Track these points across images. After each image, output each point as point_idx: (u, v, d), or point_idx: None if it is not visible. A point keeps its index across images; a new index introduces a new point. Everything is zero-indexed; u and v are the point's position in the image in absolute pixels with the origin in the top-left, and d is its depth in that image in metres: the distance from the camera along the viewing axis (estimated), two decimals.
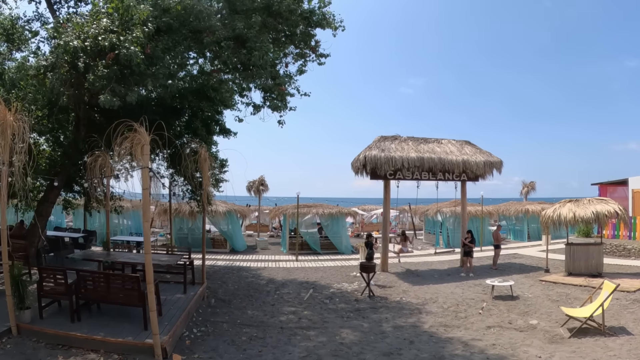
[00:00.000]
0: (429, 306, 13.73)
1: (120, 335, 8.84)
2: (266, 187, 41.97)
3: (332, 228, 27.77)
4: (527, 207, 34.59)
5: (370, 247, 17.05)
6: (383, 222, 20.91)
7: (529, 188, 49.41)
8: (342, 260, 23.75)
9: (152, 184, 17.36)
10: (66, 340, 8.74)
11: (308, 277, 18.63)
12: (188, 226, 27.85)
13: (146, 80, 10.44)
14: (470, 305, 13.68)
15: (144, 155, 8.18)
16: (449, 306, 13.66)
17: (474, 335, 10.77)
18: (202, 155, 12.38)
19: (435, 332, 11.02)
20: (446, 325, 11.63)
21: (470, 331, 11.11)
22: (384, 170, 19.14)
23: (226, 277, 18.04)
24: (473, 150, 21.82)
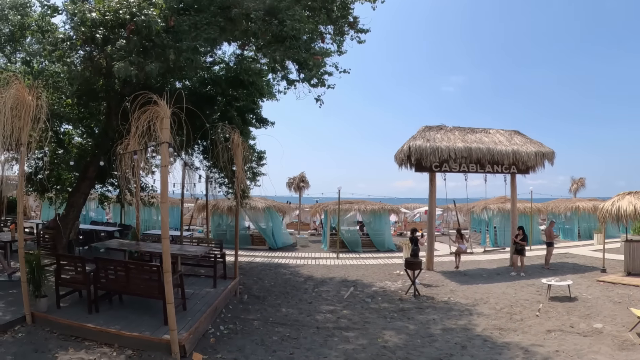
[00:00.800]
0: (479, 307, 12.45)
1: (138, 329, 7.96)
2: (307, 184, 40.85)
3: (375, 225, 26.55)
4: (578, 204, 32.77)
5: (415, 243, 15.86)
6: (429, 217, 19.58)
7: (578, 185, 47.00)
8: (385, 259, 22.56)
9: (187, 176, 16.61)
10: (80, 332, 8.04)
11: (349, 275, 17.48)
12: (227, 222, 27.03)
13: (168, 52, 9.49)
14: (525, 307, 12.34)
15: (164, 129, 7.28)
16: (502, 307, 12.36)
17: (533, 340, 9.48)
18: (235, 140, 11.46)
19: (489, 336, 9.74)
20: (501, 329, 10.33)
21: (529, 335, 9.80)
22: (429, 161, 17.85)
23: (263, 274, 17.06)
24: (523, 140, 20.40)
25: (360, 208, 25.88)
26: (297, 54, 9.99)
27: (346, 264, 20.47)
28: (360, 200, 27.11)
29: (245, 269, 17.91)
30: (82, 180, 14.25)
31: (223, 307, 10.96)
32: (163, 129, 7.27)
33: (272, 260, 21.11)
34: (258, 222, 26.77)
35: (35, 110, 7.88)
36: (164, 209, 7.43)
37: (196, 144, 15.80)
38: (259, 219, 26.82)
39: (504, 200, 29.32)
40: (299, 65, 10.95)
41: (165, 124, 7.26)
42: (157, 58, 9.74)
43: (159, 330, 7.83)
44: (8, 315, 8.42)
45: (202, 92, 13.88)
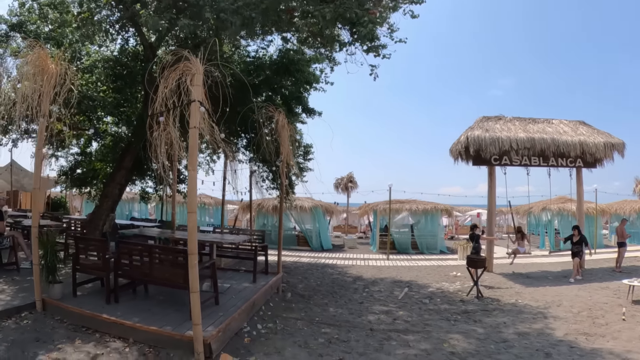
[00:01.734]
0: (553, 310, 10.80)
1: (158, 323, 6.71)
2: (355, 185, 39.06)
3: (427, 226, 24.91)
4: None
5: (476, 240, 14.26)
6: (488, 215, 17.89)
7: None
8: (438, 260, 20.96)
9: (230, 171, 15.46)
10: (92, 323, 6.95)
11: (401, 275, 15.97)
12: (272, 223, 25.81)
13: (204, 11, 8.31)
14: (607, 311, 10.62)
15: (195, 86, 6.10)
16: (580, 311, 10.67)
17: (628, 346, 7.84)
18: (280, 121, 10.21)
19: (574, 342, 8.11)
20: (586, 334, 8.69)
21: (621, 342, 8.15)
22: (488, 152, 16.23)
23: (308, 273, 15.72)
24: (589, 131, 18.58)
25: (412, 208, 24.30)
26: (350, 11, 8.60)
27: (397, 265, 18.98)
28: (411, 200, 25.52)
29: (289, 267, 16.64)
30: (118, 170, 13.24)
31: (262, 304, 9.59)
32: (194, 86, 6.11)
33: (319, 260, 19.77)
34: (304, 222, 25.45)
35: (57, 78, 7.23)
36: (192, 179, 6.12)
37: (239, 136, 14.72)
38: (305, 219, 25.53)
39: (564, 200, 27.52)
40: (352, 25, 9.54)
41: (196, 80, 6.13)
42: (191, 18, 8.60)
43: (183, 326, 6.51)
44: (17, 301, 7.57)
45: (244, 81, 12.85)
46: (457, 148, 16.90)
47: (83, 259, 8.15)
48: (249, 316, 8.38)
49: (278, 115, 10.20)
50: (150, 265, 7.50)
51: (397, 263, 19.68)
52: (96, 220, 13.05)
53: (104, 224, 13.34)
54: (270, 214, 24.94)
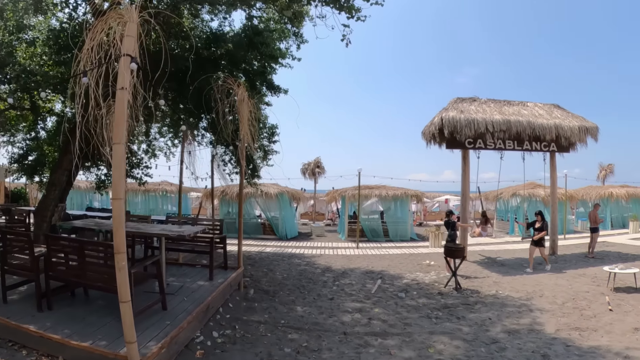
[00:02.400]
0: (537, 301, 10.03)
1: (93, 336, 5.47)
2: (322, 170, 37.60)
3: (396, 212, 24.00)
4: (611, 190, 30.23)
5: (452, 228, 13.39)
6: (461, 201, 16.96)
7: (607, 171, 43.95)
8: (410, 248, 20.07)
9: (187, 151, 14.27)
10: (18, 336, 5.74)
11: (373, 265, 14.99)
12: (237, 210, 24.54)
13: None
14: (591, 300, 10.00)
15: (127, 37, 4.75)
16: (564, 301, 9.96)
17: (624, 341, 7.18)
18: (239, 95, 9.02)
19: (569, 339, 7.30)
20: (578, 329, 7.91)
21: (616, 336, 7.45)
22: (464, 135, 15.29)
23: (274, 265, 14.62)
24: (564, 114, 17.91)
25: (381, 193, 23.31)
26: None
27: (367, 254, 18.01)
28: (381, 186, 24.48)
29: (254, 259, 15.59)
30: (64, 154, 11.75)
31: (220, 306, 8.41)
32: (126, 37, 4.75)
33: (285, 250, 18.66)
34: (270, 210, 24.27)
35: None
36: (117, 154, 4.72)
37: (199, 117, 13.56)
38: (271, 206, 24.38)
39: (533, 186, 26.97)
40: None
41: (129, 30, 4.77)
42: None
43: (121, 340, 5.18)
44: None
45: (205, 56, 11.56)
46: (430, 130, 15.94)
47: (10, 258, 6.88)
48: (202, 322, 7.22)
49: (237, 88, 9.00)
50: (82, 265, 6.25)
51: (367, 252, 18.74)
52: (43, 212, 11.73)
53: (52, 215, 12.01)
54: (235, 201, 23.67)
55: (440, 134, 15.61)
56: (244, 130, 9.15)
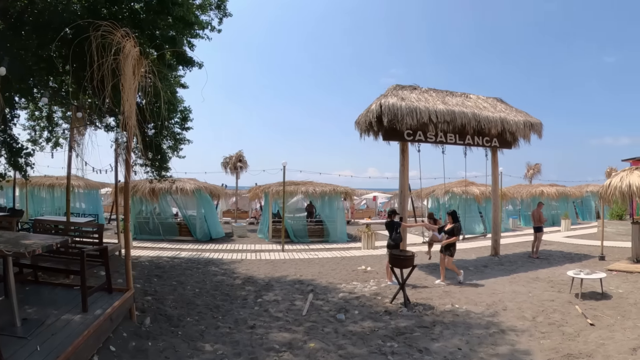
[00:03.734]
0: (503, 317, 8.32)
1: None
2: (245, 164, 34.12)
3: (325, 211, 21.83)
4: (542, 189, 29.56)
5: (396, 230, 11.38)
6: (400, 198, 14.90)
7: (534, 171, 43.56)
8: (341, 250, 17.96)
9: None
10: None
11: (301, 273, 12.76)
12: (150, 209, 21.65)
13: None
14: (563, 313, 8.51)
15: None
16: (534, 315, 8.37)
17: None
18: (126, 49, 6.31)
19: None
20: (570, 355, 6.28)
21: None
22: (405, 124, 13.29)
23: (186, 275, 12.12)
24: (508, 108, 16.54)
25: (308, 190, 21.03)
26: None
27: (295, 258, 15.74)
28: (308, 182, 22.21)
29: (164, 268, 13.04)
30: None
31: (95, 353, 5.70)
32: None
33: (202, 254, 16.12)
34: (186, 208, 21.56)
35: None
36: None
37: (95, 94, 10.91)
38: (188, 204, 21.71)
39: (466, 184, 25.60)
40: None
41: None
42: None
43: None
44: None
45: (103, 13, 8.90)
46: (366, 119, 13.82)
47: None
48: None
49: (123, 40, 6.32)
50: None
51: (294, 255, 16.47)
52: None
53: None
54: (148, 198, 20.85)
55: (378, 122, 13.52)
56: (128, 100, 6.40)
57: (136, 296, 7.90)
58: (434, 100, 14.47)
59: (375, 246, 18.34)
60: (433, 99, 14.52)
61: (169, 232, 20.87)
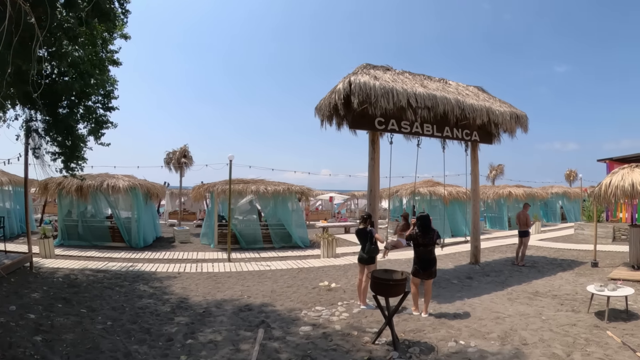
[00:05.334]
0: (531, 357, 6.01)
1: None
2: (190, 161, 30.44)
3: (277, 213, 19.02)
4: (510, 190, 27.63)
5: (370, 241, 8.83)
6: (369, 199, 12.19)
7: (497, 172, 41.78)
8: (297, 259, 15.25)
9: None
10: None
11: (250, 292, 10.02)
12: (81, 210, 18.39)
13: None
14: (599, 344, 6.47)
15: None
16: (568, 351, 6.19)
17: None
18: None
19: None
20: None
21: None
22: (379, 108, 10.70)
23: (104, 296, 9.28)
24: (492, 98, 14.30)
25: (259, 189, 18.06)
26: None
27: (243, 271, 12.90)
28: (259, 180, 19.33)
29: (79, 286, 10.21)
30: None
31: None
32: None
33: (134, 266, 13.19)
34: (119, 209, 18.40)
35: None
36: None
37: None
38: (121, 205, 18.61)
39: (432, 184, 23.42)
40: None
41: None
42: None
43: None
44: None
45: None
46: (330, 101, 11.11)
47: None
48: None
49: None
50: None
51: (242, 266, 13.64)
52: None
53: None
54: (77, 197, 17.60)
55: (345, 106, 10.85)
56: None
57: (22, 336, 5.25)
58: (411, 82, 11.98)
59: (336, 254, 15.74)
60: (410, 82, 12.02)
61: (100, 237, 17.71)
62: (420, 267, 8.23)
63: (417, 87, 11.58)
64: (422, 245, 8.21)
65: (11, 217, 20.07)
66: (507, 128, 13.74)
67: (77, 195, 17.40)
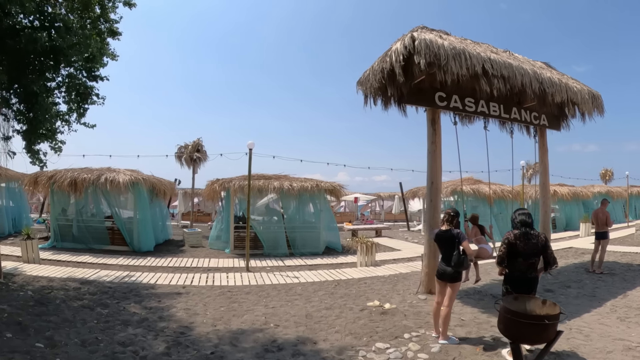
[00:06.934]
0: None
1: None
2: (204, 155, 27.25)
3: (304, 214, 16.37)
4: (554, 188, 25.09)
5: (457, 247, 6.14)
6: (429, 194, 9.41)
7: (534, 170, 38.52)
8: (330, 269, 12.54)
9: None
10: None
11: (276, 318, 7.33)
12: (77, 209, 15.78)
13: None
14: None
15: None
16: None
17: None
18: None
19: None
20: None
21: None
22: (449, 72, 8.00)
23: (76, 321, 6.70)
24: (564, 76, 11.42)
25: (284, 186, 15.24)
26: None
27: (265, 284, 10.18)
28: (282, 175, 16.41)
29: (49, 304, 7.61)
30: None
31: None
32: None
33: (130, 276, 10.60)
34: (119, 207, 15.76)
35: None
36: None
37: None
38: (121, 203, 16.04)
39: (473, 182, 20.68)
40: None
41: None
42: None
43: None
44: None
45: None
46: (383, 66, 8.44)
47: None
48: None
49: None
50: None
51: (263, 278, 10.91)
52: None
53: None
54: (68, 191, 15.02)
55: (405, 71, 8.21)
56: None
57: None
58: (480, 48, 9.31)
59: (376, 262, 13.05)
60: (479, 48, 9.34)
61: (98, 239, 15.08)
62: (515, 288, 5.48)
63: (489, 53, 8.95)
64: (523, 254, 5.43)
65: (2, 214, 17.69)
66: (584, 109, 11.26)
67: (70, 191, 14.86)
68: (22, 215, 19.20)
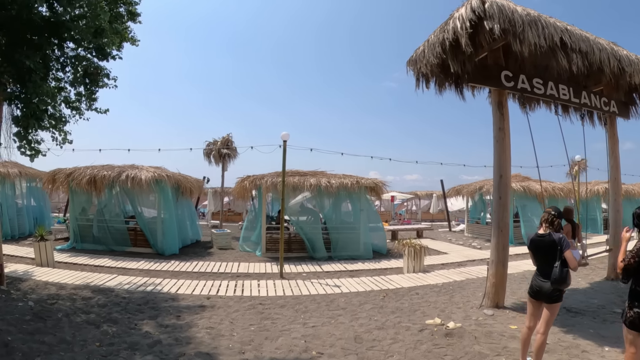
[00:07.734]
0: None
1: None
2: (234, 152, 25.59)
3: (342, 214, 15.01)
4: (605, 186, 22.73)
5: (559, 256, 4.64)
6: (498, 188, 7.93)
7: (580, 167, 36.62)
8: (374, 275, 11.16)
9: None
10: None
11: (318, 342, 5.98)
12: (99, 208, 14.69)
13: None
14: None
15: None
16: None
17: None
18: None
19: None
20: None
21: None
22: (526, 42, 6.64)
23: (75, 342, 5.46)
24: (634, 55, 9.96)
25: (321, 182, 13.85)
26: None
27: (301, 295, 8.86)
28: (319, 172, 15.02)
29: (48, 319, 6.41)
30: None
31: None
32: None
33: (149, 283, 9.42)
34: (143, 206, 14.65)
35: None
36: None
37: None
38: (145, 202, 14.93)
39: (521, 179, 19.13)
40: None
41: None
42: None
43: None
44: None
45: None
46: (444, 36, 7.02)
47: None
48: None
49: None
50: None
51: (299, 287, 9.62)
52: None
53: None
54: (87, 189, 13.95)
55: (473, 37, 6.85)
56: None
57: None
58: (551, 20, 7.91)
59: (425, 268, 11.64)
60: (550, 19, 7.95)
61: (119, 241, 13.99)
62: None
63: (564, 24, 7.54)
64: None
65: (22, 214, 16.82)
66: None
67: (90, 189, 13.80)
68: (44, 215, 18.35)
